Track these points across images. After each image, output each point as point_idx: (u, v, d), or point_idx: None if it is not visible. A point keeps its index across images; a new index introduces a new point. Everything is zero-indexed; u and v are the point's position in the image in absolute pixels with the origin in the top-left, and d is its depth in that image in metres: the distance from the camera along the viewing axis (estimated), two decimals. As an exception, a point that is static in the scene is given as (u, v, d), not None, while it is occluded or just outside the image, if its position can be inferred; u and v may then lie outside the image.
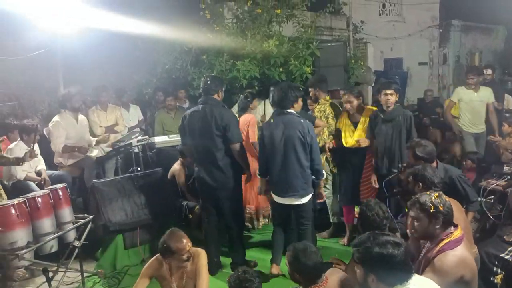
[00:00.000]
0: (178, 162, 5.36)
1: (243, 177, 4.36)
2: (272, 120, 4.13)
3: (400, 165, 4.24)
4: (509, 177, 4.26)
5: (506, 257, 3.26)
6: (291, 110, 4.08)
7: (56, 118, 5.48)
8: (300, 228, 4.16)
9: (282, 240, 4.26)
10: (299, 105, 4.20)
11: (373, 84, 10.05)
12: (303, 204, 4.06)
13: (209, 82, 4.25)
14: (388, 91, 4.43)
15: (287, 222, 4.27)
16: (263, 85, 6.75)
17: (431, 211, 2.48)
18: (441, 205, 2.48)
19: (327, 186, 5.02)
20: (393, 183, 4.07)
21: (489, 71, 7.11)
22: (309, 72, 6.45)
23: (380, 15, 13.44)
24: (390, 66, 13.53)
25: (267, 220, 5.45)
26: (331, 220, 5.11)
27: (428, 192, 2.59)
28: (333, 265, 3.08)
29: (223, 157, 4.16)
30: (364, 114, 4.72)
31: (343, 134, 4.78)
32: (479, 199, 4.12)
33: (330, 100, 5.05)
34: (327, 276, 2.81)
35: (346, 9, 10.90)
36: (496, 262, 3.26)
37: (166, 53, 7.02)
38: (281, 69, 6.65)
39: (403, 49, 13.62)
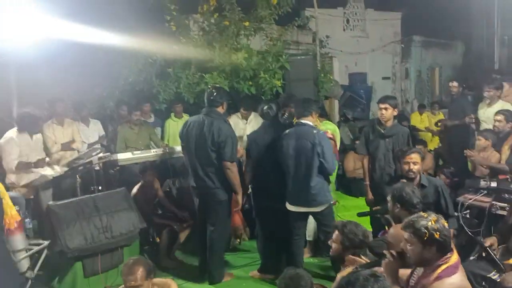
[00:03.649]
0: (139, 184, 5.02)
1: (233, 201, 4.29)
2: (287, 131, 4.21)
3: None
4: (485, 191, 4.19)
5: (494, 277, 3.14)
6: (307, 121, 4.15)
7: (9, 134, 5.03)
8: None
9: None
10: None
11: (339, 98, 10.05)
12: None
13: (215, 93, 4.22)
14: (382, 105, 4.39)
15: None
16: (232, 99, 6.54)
17: (425, 238, 2.30)
18: (437, 232, 2.29)
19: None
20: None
21: (455, 84, 7.16)
22: (280, 85, 6.32)
23: (344, 30, 13.60)
24: (355, 81, 13.65)
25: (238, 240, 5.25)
26: (307, 238, 4.89)
27: (425, 215, 2.40)
28: None
29: (216, 172, 4.13)
30: None
31: None
32: (457, 214, 4.05)
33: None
34: None
35: (312, 24, 10.94)
36: (484, 283, 3.14)
37: (129, 65, 6.69)
38: (250, 83, 6.50)
39: (367, 64, 13.81)
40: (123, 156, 5.55)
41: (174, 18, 7.04)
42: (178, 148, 6.01)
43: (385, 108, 4.38)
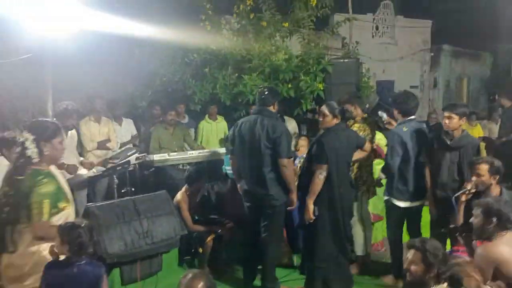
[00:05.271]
0: (183, 189, 4.70)
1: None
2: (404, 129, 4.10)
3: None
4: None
5: None
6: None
7: (43, 131, 4.81)
8: None
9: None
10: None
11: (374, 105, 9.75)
12: None
13: (266, 92, 4.08)
14: (446, 114, 3.86)
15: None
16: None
17: None
18: None
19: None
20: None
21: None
22: (321, 88, 6.05)
23: (373, 36, 13.33)
24: (382, 89, 13.34)
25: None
26: (356, 253, 4.55)
27: None
28: None
29: (270, 171, 3.90)
30: None
31: None
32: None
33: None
34: None
35: (341, 29, 10.65)
36: None
37: (164, 64, 6.49)
38: (289, 85, 6.24)
39: (395, 72, 13.50)
40: (160, 157, 5.31)
41: (209, 17, 6.84)
42: (214, 150, 5.80)
43: (449, 117, 3.84)
